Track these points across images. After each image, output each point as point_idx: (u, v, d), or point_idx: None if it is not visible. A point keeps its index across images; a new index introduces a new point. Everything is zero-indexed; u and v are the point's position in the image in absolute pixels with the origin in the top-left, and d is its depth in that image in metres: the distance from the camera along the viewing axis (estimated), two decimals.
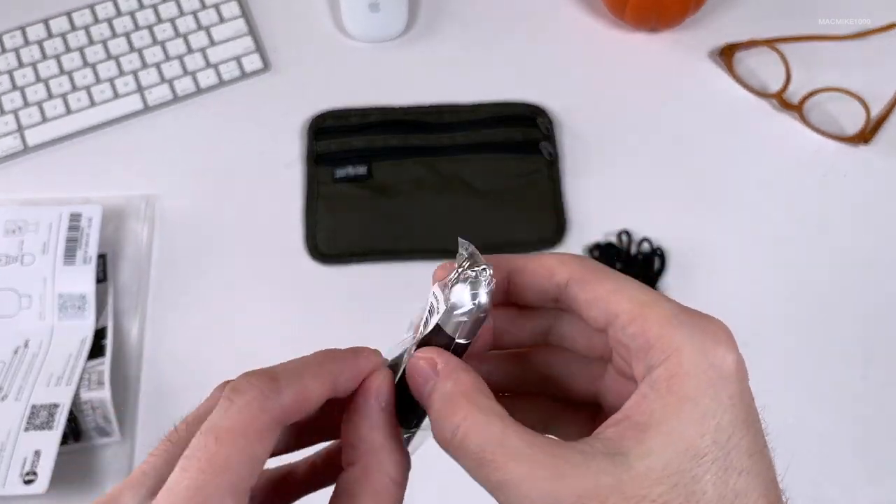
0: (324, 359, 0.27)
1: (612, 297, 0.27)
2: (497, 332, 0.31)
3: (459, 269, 0.28)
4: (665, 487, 0.23)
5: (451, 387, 0.26)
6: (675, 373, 0.25)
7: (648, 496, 0.23)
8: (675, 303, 0.27)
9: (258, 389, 0.24)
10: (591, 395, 0.31)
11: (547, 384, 0.31)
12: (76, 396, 0.61)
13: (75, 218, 0.68)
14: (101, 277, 0.69)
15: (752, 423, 0.25)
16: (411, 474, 0.28)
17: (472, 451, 0.25)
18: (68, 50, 0.78)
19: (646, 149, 0.75)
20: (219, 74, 0.78)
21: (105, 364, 0.64)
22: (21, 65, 0.78)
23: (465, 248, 0.28)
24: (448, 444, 0.26)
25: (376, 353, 0.29)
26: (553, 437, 0.25)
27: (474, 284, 0.27)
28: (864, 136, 0.74)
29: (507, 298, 0.30)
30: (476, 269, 0.28)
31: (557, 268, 0.29)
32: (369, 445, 0.27)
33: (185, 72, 0.78)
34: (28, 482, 0.57)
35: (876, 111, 0.76)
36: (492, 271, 0.28)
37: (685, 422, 0.24)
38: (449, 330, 0.28)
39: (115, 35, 0.79)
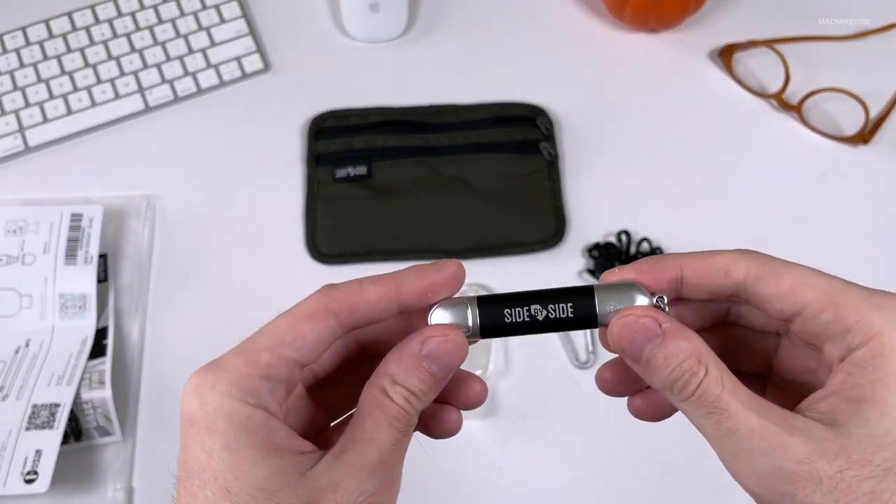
0: (398, 271, 0.30)
1: (797, 289, 0.29)
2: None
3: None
4: (889, 453, 0.26)
5: (686, 347, 0.28)
6: (880, 352, 0.27)
7: (873, 460, 0.26)
8: (862, 287, 0.29)
9: (318, 291, 0.30)
10: (761, 367, 0.33)
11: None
12: (77, 396, 0.62)
13: (76, 218, 0.69)
14: (102, 277, 0.69)
15: None
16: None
17: (709, 400, 0.28)
18: (69, 50, 0.79)
19: (645, 149, 0.75)
20: (219, 75, 0.78)
21: (106, 364, 0.64)
22: (22, 65, 0.78)
23: None
24: (685, 395, 0.28)
25: (456, 263, 0.31)
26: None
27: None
28: (864, 136, 0.74)
29: (680, 297, 0.31)
30: None
31: (732, 265, 0.30)
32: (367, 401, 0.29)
33: (186, 72, 0.78)
34: (29, 481, 0.58)
35: (875, 111, 0.76)
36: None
37: None
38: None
39: (115, 36, 0.79)
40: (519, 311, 0.31)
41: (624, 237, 0.70)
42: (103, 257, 0.70)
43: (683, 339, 0.29)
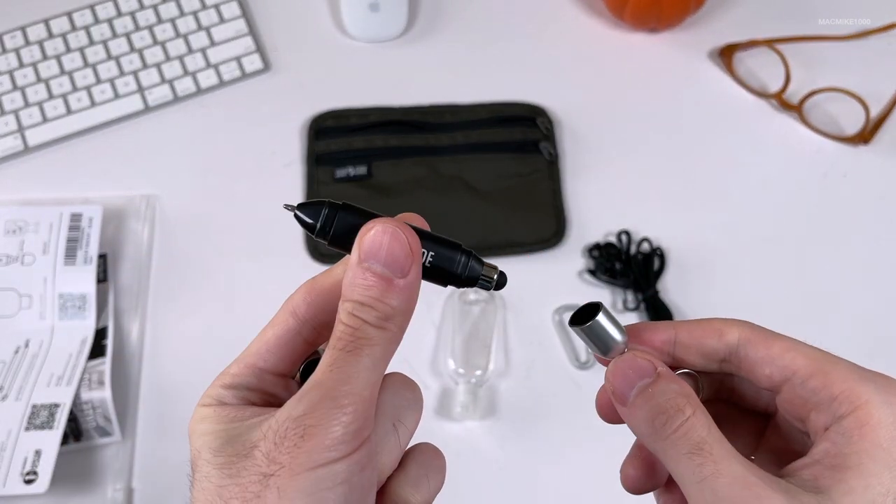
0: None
1: (787, 354, 0.29)
2: None
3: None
4: None
5: (677, 388, 0.29)
6: (866, 422, 0.27)
7: None
8: (850, 361, 0.29)
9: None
10: (748, 448, 0.32)
11: None
12: (77, 396, 0.62)
13: (76, 218, 0.69)
14: (102, 277, 0.69)
15: None
16: None
17: (694, 440, 0.27)
18: (69, 50, 0.78)
19: (645, 149, 0.75)
20: (219, 75, 0.78)
21: (105, 364, 0.64)
22: (21, 65, 0.78)
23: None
24: (667, 431, 0.28)
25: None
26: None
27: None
28: (864, 136, 0.74)
29: (673, 362, 0.31)
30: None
31: (726, 328, 0.30)
32: None
33: (186, 72, 0.78)
34: (29, 482, 0.57)
35: (875, 111, 0.76)
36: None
37: (881, 465, 0.26)
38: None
39: (115, 35, 0.79)
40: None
41: (624, 237, 0.70)
42: (103, 257, 0.69)
43: (675, 382, 0.29)
